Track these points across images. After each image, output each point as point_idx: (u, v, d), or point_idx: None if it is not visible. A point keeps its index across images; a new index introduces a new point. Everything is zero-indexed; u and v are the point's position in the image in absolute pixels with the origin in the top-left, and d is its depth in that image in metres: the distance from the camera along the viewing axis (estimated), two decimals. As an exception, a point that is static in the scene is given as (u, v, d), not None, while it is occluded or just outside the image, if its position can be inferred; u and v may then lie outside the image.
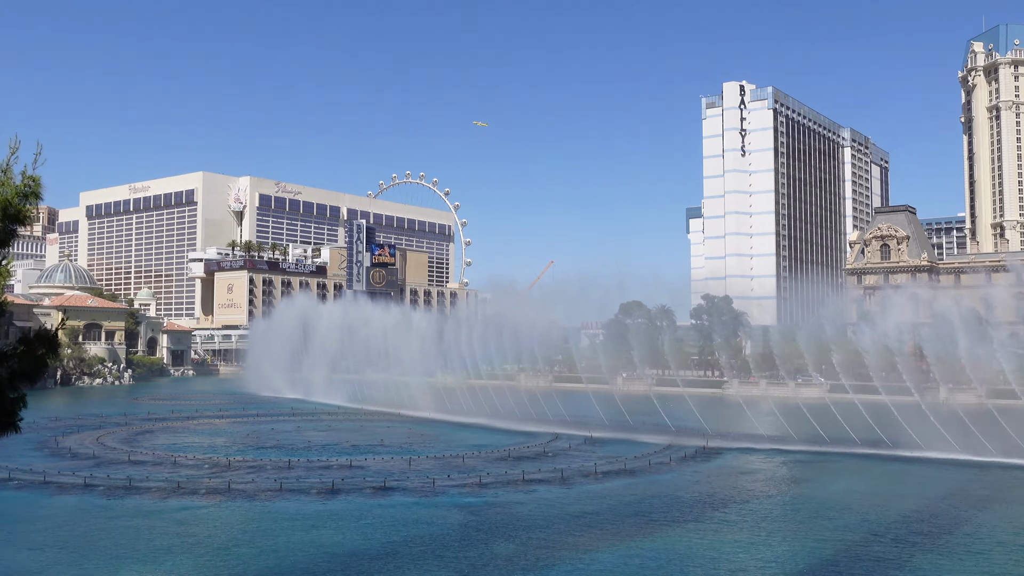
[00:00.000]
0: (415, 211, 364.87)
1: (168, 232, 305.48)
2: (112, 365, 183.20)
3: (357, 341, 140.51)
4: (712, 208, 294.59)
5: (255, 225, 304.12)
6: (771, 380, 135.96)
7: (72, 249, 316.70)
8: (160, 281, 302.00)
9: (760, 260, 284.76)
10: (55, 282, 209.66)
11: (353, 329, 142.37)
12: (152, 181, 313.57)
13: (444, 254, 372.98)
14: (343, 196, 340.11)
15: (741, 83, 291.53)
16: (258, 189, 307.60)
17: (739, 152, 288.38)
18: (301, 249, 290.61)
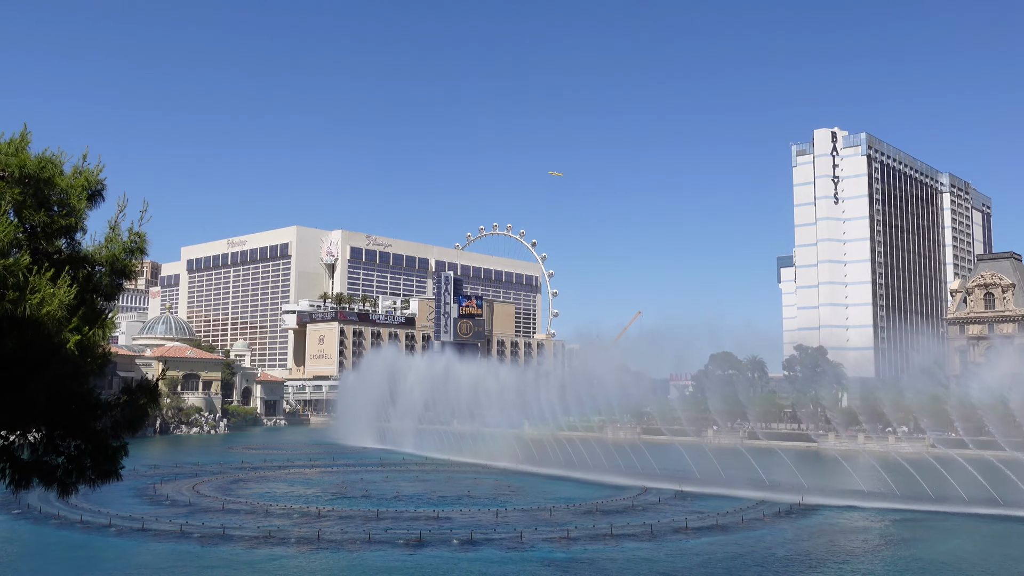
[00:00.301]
0: (502, 262, 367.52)
1: (263, 284, 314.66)
2: (208, 415, 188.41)
3: (444, 393, 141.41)
4: (804, 257, 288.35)
5: (346, 277, 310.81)
6: (870, 434, 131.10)
7: (173, 301, 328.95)
8: (255, 332, 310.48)
9: (856, 310, 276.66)
10: (156, 334, 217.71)
11: (440, 381, 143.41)
12: (249, 235, 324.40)
13: (531, 305, 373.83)
14: (431, 248, 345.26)
15: (833, 129, 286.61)
16: (349, 242, 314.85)
17: (832, 199, 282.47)
18: (390, 301, 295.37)
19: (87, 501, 65.51)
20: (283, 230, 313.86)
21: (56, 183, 15.78)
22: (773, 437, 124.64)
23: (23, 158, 15.44)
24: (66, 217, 16.02)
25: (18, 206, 15.43)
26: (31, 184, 15.50)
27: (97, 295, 16.87)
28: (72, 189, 16.01)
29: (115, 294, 17.18)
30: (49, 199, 15.90)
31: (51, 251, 16.39)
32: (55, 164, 15.86)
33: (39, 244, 16.11)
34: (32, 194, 15.59)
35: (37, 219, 15.79)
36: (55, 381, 14.92)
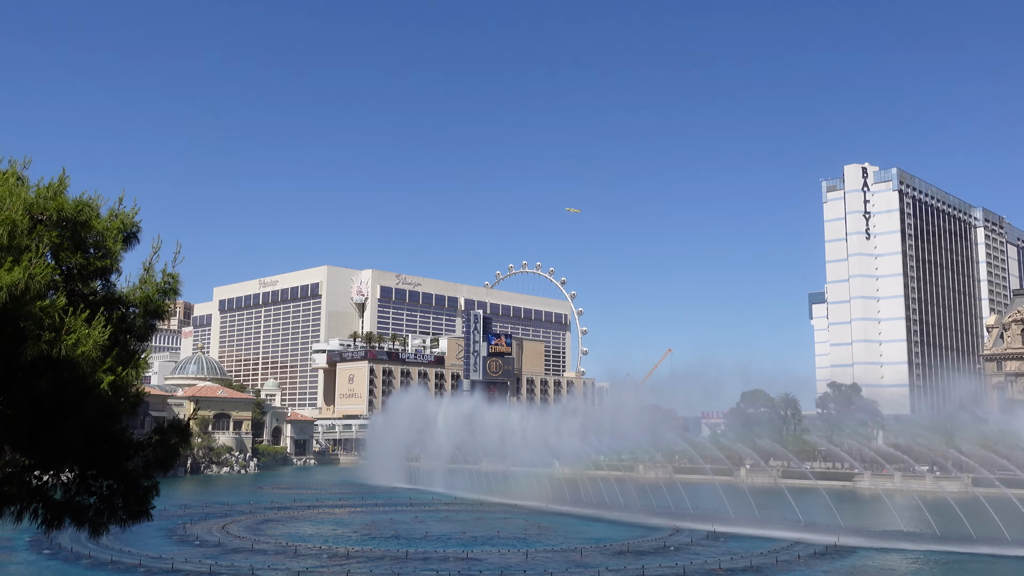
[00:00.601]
0: (531, 300, 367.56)
1: (294, 324, 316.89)
2: (239, 454, 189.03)
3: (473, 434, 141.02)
4: (836, 293, 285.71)
5: (376, 316, 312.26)
6: (907, 473, 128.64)
7: (205, 341, 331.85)
8: (285, 371, 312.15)
9: (889, 346, 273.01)
10: (188, 373, 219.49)
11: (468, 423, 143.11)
12: (280, 275, 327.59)
13: (561, 343, 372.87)
14: (461, 287, 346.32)
15: (863, 165, 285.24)
16: (379, 281, 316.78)
17: (863, 235, 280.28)
18: (420, 339, 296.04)
19: (117, 541, 65.75)
20: (314, 270, 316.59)
21: (93, 226, 16.11)
22: (807, 476, 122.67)
23: (61, 202, 15.79)
24: (102, 259, 16.32)
25: (55, 249, 15.76)
26: (68, 227, 15.83)
27: (131, 335, 17.12)
28: (108, 232, 16.33)
29: (148, 334, 17.42)
30: (85, 241, 16.22)
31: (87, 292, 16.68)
32: (92, 207, 16.20)
33: (75, 286, 16.41)
34: (69, 237, 15.92)
35: (74, 261, 16.10)
36: (89, 421, 15.09)
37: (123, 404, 15.85)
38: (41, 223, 15.45)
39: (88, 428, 15.21)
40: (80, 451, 15.53)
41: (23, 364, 14.12)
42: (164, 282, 16.92)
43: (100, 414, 15.28)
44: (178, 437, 17.35)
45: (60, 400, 14.59)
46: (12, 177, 15.81)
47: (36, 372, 14.21)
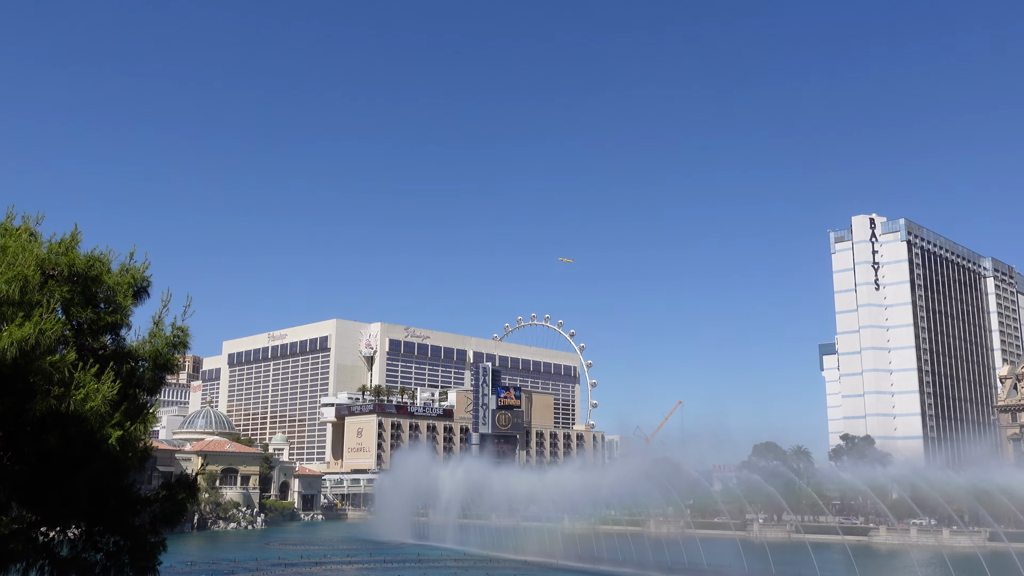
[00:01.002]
0: (540, 353, 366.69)
1: (303, 378, 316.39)
2: (246, 509, 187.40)
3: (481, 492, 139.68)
4: (847, 344, 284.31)
5: (385, 369, 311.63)
6: (923, 528, 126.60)
7: (214, 395, 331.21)
8: (294, 425, 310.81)
9: (902, 397, 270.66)
10: (196, 428, 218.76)
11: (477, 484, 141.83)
12: (289, 329, 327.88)
13: (570, 396, 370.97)
14: (469, 339, 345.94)
15: (871, 216, 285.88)
16: (388, 335, 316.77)
17: (873, 286, 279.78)
18: (429, 393, 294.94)
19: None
20: (323, 323, 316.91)
21: (103, 281, 16.23)
22: (821, 530, 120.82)
23: (72, 257, 15.94)
24: (112, 314, 16.41)
25: (66, 304, 15.86)
26: (79, 282, 15.96)
27: (140, 389, 17.15)
28: (119, 286, 16.44)
29: (157, 388, 17.45)
30: (96, 296, 16.33)
31: (96, 347, 16.75)
32: (103, 262, 16.33)
33: (85, 340, 16.48)
34: (80, 292, 16.04)
35: (84, 316, 16.19)
36: (96, 477, 15.04)
37: (131, 459, 15.81)
38: (53, 278, 15.58)
39: (95, 484, 15.15)
40: (87, 507, 15.45)
41: (32, 419, 14.12)
42: (174, 336, 17.00)
43: (108, 469, 15.23)
44: (185, 492, 17.26)
45: (68, 455, 14.55)
46: (25, 233, 15.99)
47: (45, 427, 14.21)
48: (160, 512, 16.86)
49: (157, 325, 16.96)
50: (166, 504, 16.95)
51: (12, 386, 13.89)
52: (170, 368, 17.14)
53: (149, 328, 17.00)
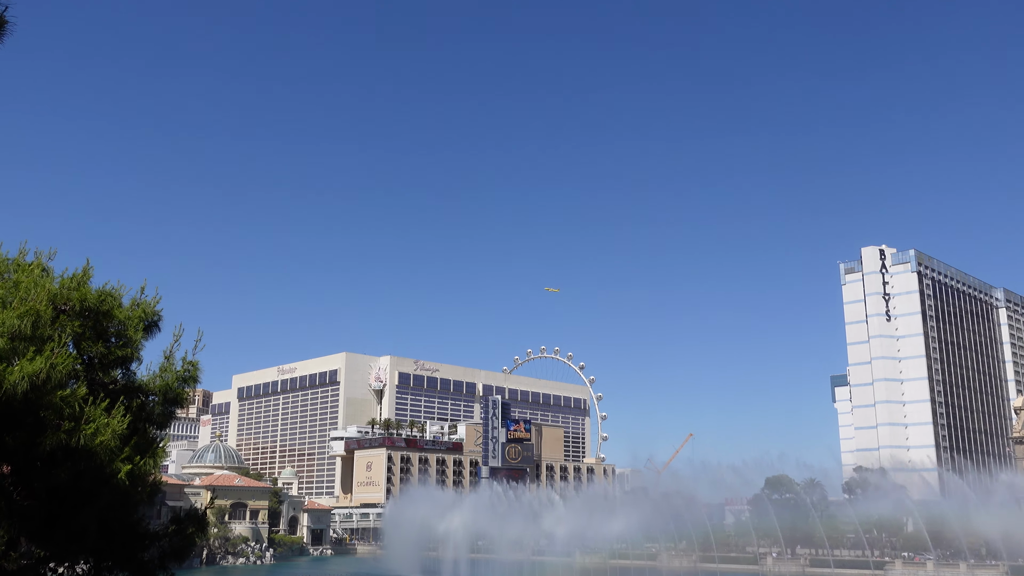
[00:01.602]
0: (550, 386, 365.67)
1: (312, 411, 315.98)
2: (255, 544, 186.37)
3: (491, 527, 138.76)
4: (859, 376, 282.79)
5: (394, 403, 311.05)
6: (940, 561, 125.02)
7: (223, 429, 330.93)
8: (303, 459, 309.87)
9: (915, 429, 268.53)
10: (206, 462, 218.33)
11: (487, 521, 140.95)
12: (299, 363, 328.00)
13: (580, 429, 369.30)
14: (479, 372, 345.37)
15: (880, 247, 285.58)
16: (397, 368, 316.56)
17: (884, 317, 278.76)
18: (438, 426, 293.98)
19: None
20: (332, 357, 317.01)
21: (115, 315, 16.33)
22: (836, 564, 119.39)
23: (84, 292, 16.05)
24: (123, 348, 16.50)
25: (77, 338, 15.96)
26: (91, 317, 16.06)
27: (150, 424, 17.19)
28: (129, 321, 16.54)
29: (167, 422, 17.49)
30: (107, 331, 16.43)
31: (107, 381, 16.81)
32: (114, 297, 16.45)
33: (96, 375, 16.55)
34: (91, 326, 16.14)
35: (95, 351, 16.28)
36: (105, 511, 15.03)
37: (140, 494, 15.81)
38: (64, 313, 15.68)
39: (105, 518, 15.13)
40: (96, 542, 15.42)
41: (42, 454, 14.16)
42: (184, 370, 17.07)
43: (117, 504, 15.22)
44: (195, 527, 17.23)
45: (77, 490, 14.56)
46: (37, 268, 16.12)
47: (54, 462, 14.23)
48: (169, 547, 16.81)
49: (168, 359, 17.04)
50: (175, 539, 16.90)
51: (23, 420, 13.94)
52: (180, 402, 17.19)
53: (160, 362, 17.08)
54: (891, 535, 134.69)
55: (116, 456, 14.75)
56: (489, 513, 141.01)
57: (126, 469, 14.90)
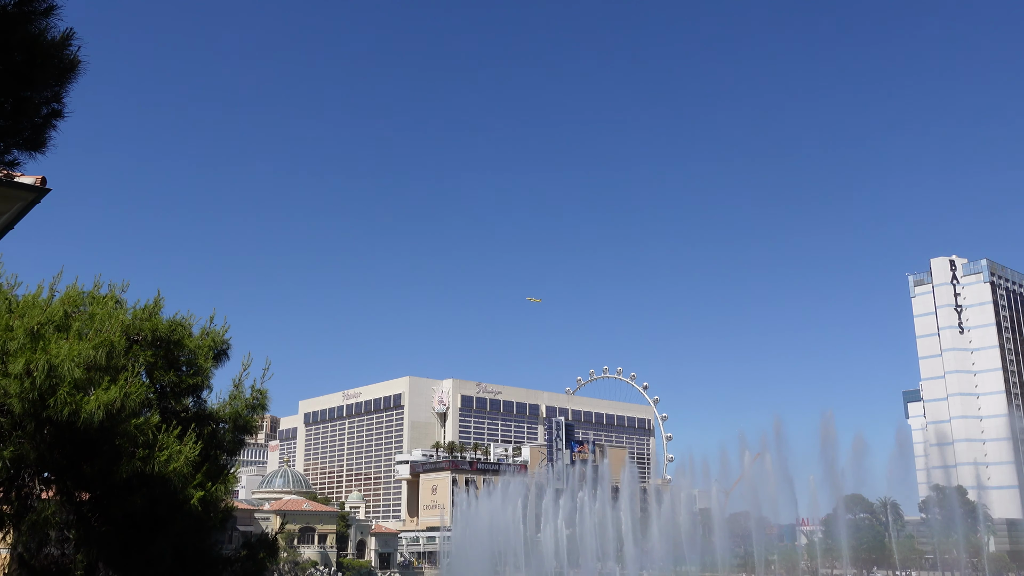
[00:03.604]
0: (614, 406, 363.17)
1: (377, 435, 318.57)
2: (324, 568, 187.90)
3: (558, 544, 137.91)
4: (932, 391, 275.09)
5: (458, 426, 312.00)
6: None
7: (291, 455, 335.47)
8: (369, 483, 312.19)
9: (993, 445, 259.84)
10: (275, 487, 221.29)
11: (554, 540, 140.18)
12: (363, 387, 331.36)
13: (645, 449, 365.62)
14: (541, 394, 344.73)
15: (951, 258, 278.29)
16: (460, 391, 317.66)
17: (956, 329, 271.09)
18: (502, 448, 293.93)
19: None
20: (396, 381, 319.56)
21: (185, 345, 16.77)
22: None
23: (156, 322, 16.51)
24: (193, 376, 16.91)
25: (150, 367, 16.40)
26: (162, 346, 16.51)
27: (220, 451, 17.56)
28: (200, 350, 16.96)
29: (237, 449, 17.84)
30: (178, 360, 16.87)
31: (179, 409, 17.24)
32: (184, 327, 16.89)
33: (168, 403, 16.98)
34: (163, 356, 16.58)
35: (167, 379, 16.71)
36: (180, 537, 15.35)
37: (212, 519, 16.12)
38: (137, 343, 16.14)
39: (179, 544, 15.45)
40: (171, 567, 15.74)
41: (118, 481, 14.53)
42: (253, 398, 17.42)
43: (190, 529, 15.54)
44: (265, 552, 17.50)
45: (153, 516, 14.90)
46: (111, 301, 16.64)
47: (130, 489, 14.60)
48: (241, 572, 17.09)
49: (237, 388, 17.42)
50: (247, 564, 17.18)
51: (99, 449, 14.34)
52: (249, 430, 17.54)
53: (229, 390, 17.46)
54: (972, 556, 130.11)
55: (189, 482, 15.08)
56: (557, 534, 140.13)
57: (199, 495, 15.21)
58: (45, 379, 13.24)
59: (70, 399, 13.36)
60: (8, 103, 7.40)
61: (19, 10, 7.01)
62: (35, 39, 7.18)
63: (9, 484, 14.72)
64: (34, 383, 13.18)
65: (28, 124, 7.72)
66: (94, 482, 14.55)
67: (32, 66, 7.21)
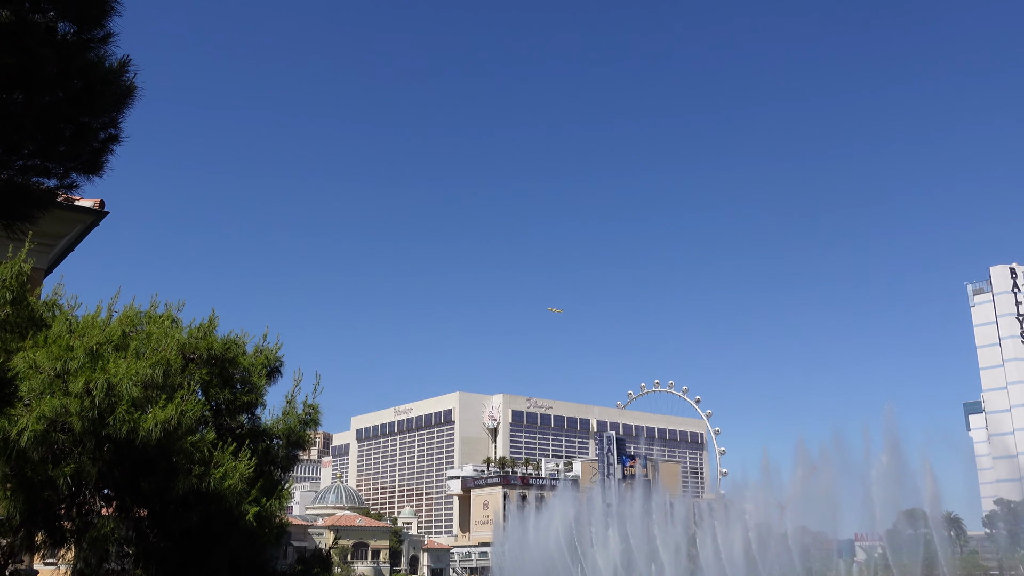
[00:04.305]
0: (665, 420, 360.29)
1: (428, 451, 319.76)
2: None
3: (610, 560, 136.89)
4: (994, 402, 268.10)
5: (508, 441, 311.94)
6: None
7: (343, 470, 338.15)
8: (420, 499, 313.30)
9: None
10: (328, 503, 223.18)
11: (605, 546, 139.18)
12: (414, 403, 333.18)
13: (697, 464, 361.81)
14: (592, 408, 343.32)
15: (1011, 265, 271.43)
16: (511, 406, 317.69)
17: (1019, 339, 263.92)
18: (553, 463, 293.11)
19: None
20: (446, 396, 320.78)
21: (239, 363, 17.03)
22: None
23: (211, 341, 16.81)
24: (247, 394, 17.16)
25: (205, 385, 16.69)
26: (217, 364, 16.79)
27: (274, 466, 17.78)
28: (253, 367, 17.22)
29: (291, 465, 18.05)
30: (233, 378, 17.14)
31: (234, 426, 17.50)
32: (239, 345, 17.17)
33: (223, 420, 17.25)
34: (218, 374, 16.86)
35: (222, 397, 16.99)
36: (236, 552, 15.54)
37: (267, 535, 16.30)
38: (192, 361, 16.44)
39: (235, 559, 15.65)
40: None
41: (175, 498, 14.79)
42: (305, 414, 17.62)
43: (246, 545, 15.73)
44: (320, 567, 17.65)
45: (209, 532, 15.13)
46: (167, 320, 16.98)
47: (187, 505, 14.84)
48: (295, 587, 17.24)
49: (290, 404, 17.64)
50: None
51: (157, 466, 14.61)
52: (302, 445, 17.73)
53: (282, 406, 17.69)
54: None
55: (244, 498, 15.28)
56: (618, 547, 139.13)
57: (254, 511, 15.39)
58: (104, 397, 13.54)
59: (128, 417, 13.65)
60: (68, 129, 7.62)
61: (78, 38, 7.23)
62: (93, 66, 7.40)
63: (70, 501, 15.07)
64: (94, 401, 13.48)
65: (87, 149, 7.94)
66: (152, 499, 14.82)
67: (90, 93, 7.42)
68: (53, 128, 7.56)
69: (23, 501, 14.01)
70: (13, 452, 13.16)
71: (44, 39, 6.85)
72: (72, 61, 7.28)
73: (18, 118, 7.20)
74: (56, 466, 13.70)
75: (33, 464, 13.68)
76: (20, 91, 7.12)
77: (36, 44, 6.79)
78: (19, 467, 13.74)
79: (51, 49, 6.96)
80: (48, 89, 7.28)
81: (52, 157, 7.71)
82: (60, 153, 7.72)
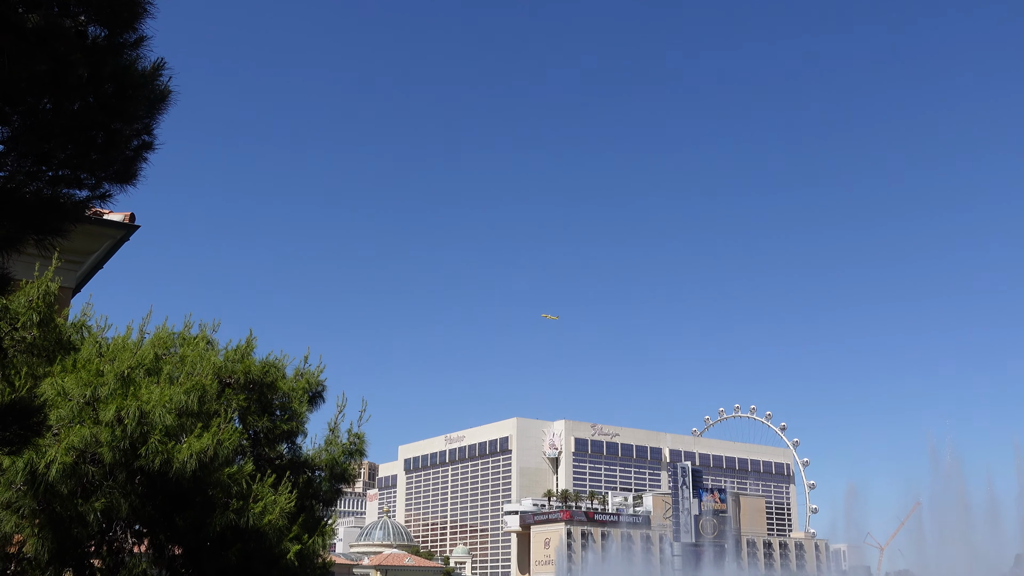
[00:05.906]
0: (746, 449, 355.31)
1: (483, 482, 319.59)
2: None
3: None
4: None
5: (571, 472, 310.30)
6: None
7: (391, 504, 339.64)
8: (475, 535, 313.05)
9: None
10: (374, 540, 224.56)
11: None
12: (467, 430, 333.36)
13: (784, 498, 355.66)
14: (664, 436, 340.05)
15: None
16: (573, 433, 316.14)
17: None
18: (621, 496, 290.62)
19: None
20: (502, 423, 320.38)
21: (278, 387, 17.26)
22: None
23: (248, 364, 17.06)
24: (287, 422, 17.37)
25: (243, 412, 16.94)
26: (255, 390, 17.03)
27: (316, 501, 17.94)
28: (293, 392, 17.43)
29: (334, 499, 18.21)
30: (272, 404, 17.37)
31: (273, 456, 17.72)
32: (278, 368, 17.40)
33: (262, 450, 17.48)
34: (256, 399, 17.10)
35: (260, 425, 17.22)
36: (276, 594, 15.70)
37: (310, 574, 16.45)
38: (229, 386, 16.70)
39: (275, 602, 15.80)
40: (267, 627, 16.09)
41: (211, 534, 15.00)
42: (350, 443, 17.77)
43: (287, 586, 15.87)
44: (366, 612, 17.71)
45: (247, 572, 15.31)
46: (202, 342, 17.29)
47: (224, 542, 15.04)
48: (341, 633, 17.35)
49: (333, 432, 17.80)
50: (346, 625, 17.43)
51: (192, 500, 14.85)
52: (347, 478, 17.88)
53: (325, 435, 17.87)
54: None
55: (285, 535, 15.44)
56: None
57: (295, 549, 15.56)
58: (136, 426, 13.82)
59: (162, 447, 13.91)
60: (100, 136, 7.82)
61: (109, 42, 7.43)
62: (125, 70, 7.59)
63: (100, 538, 15.37)
64: (125, 431, 13.77)
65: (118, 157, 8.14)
66: (187, 535, 15.05)
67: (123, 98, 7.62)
68: (84, 135, 7.76)
69: (51, 538, 14.33)
70: (41, 486, 13.49)
71: (74, 44, 7.05)
72: (102, 65, 7.47)
73: (48, 127, 7.42)
74: (86, 500, 14.01)
75: (62, 498, 14.00)
76: (49, 98, 7.34)
77: (66, 49, 7.00)
78: (47, 502, 14.08)
79: (81, 54, 7.16)
80: (78, 95, 7.48)
81: (83, 166, 7.91)
82: (91, 162, 7.91)
